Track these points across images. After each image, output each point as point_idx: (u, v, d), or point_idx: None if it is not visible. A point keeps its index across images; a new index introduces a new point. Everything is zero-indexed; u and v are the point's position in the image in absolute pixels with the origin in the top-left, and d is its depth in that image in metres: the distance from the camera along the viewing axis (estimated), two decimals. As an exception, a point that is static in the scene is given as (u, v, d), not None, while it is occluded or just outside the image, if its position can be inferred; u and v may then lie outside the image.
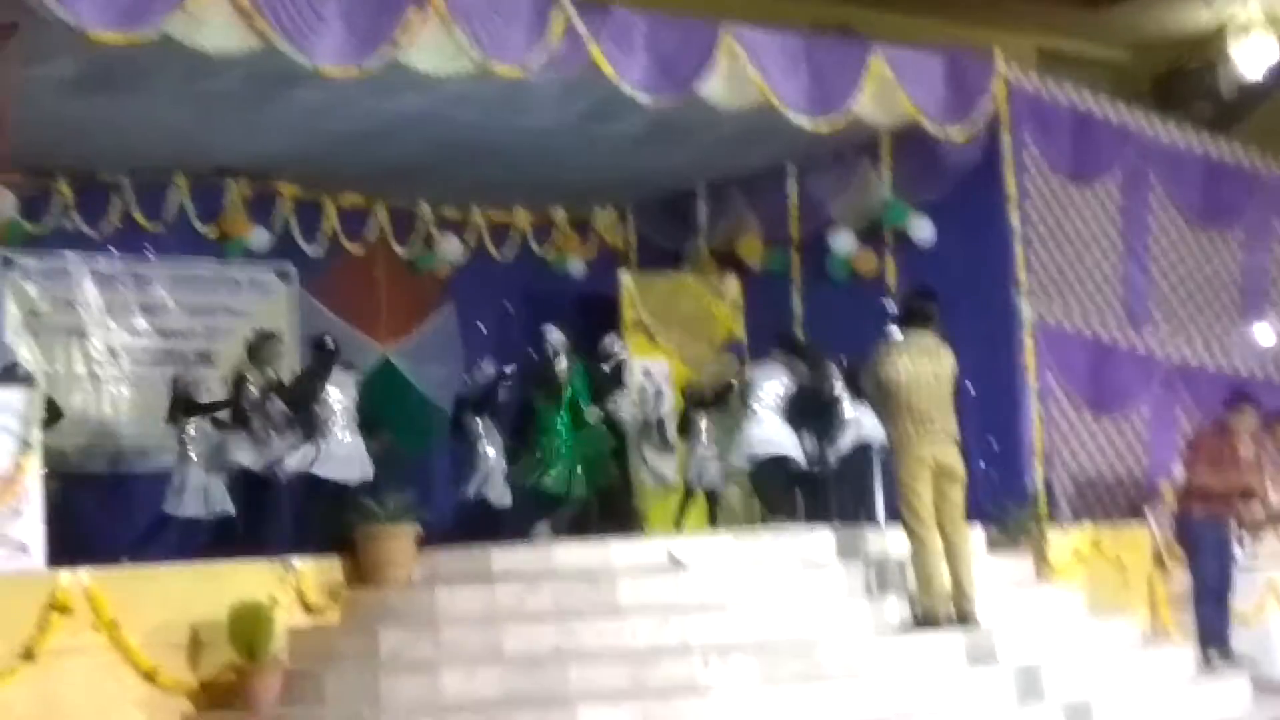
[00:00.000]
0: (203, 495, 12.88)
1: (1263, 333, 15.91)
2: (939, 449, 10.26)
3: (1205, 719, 10.03)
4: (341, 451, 12.43)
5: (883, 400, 10.39)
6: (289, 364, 14.15)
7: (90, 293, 14.38)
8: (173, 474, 13.00)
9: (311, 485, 12.34)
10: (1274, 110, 21.71)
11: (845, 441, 13.51)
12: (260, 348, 13.23)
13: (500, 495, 14.29)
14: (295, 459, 12.43)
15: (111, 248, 14.44)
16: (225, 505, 12.90)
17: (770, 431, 13.66)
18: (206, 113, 12.41)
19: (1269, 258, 16.07)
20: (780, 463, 13.64)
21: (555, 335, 14.21)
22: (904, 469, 10.25)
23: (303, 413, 12.59)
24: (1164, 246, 15.25)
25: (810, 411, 13.79)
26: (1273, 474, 13.39)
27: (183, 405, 13.04)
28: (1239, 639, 12.59)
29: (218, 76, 11.32)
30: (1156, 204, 15.22)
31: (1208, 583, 12.34)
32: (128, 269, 14.55)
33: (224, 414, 13.11)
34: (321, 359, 12.73)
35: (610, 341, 14.71)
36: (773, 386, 13.73)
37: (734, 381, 14.42)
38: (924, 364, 10.28)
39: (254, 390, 12.97)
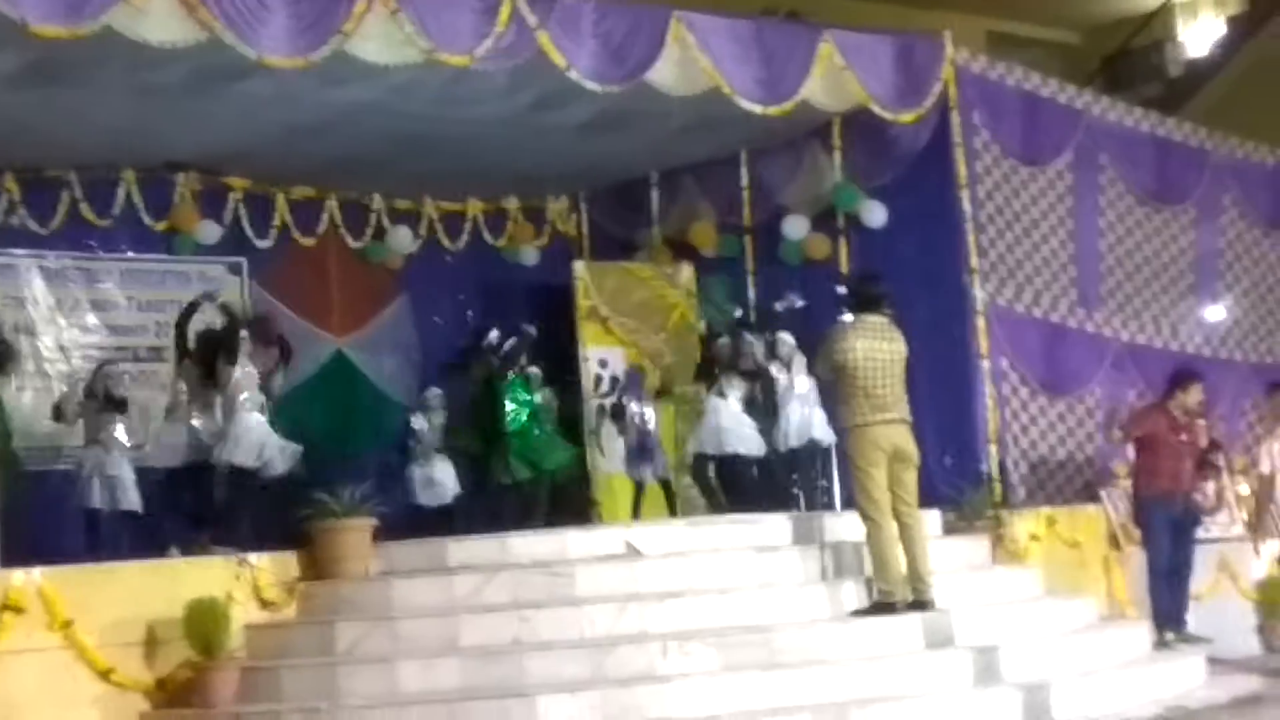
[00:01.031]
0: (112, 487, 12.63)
1: (1213, 311, 16.02)
2: (894, 431, 10.25)
3: (1162, 697, 10.08)
4: (251, 437, 12.10)
5: (837, 383, 10.37)
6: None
7: (39, 290, 14.25)
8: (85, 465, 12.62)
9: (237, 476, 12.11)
10: (1222, 88, 21.87)
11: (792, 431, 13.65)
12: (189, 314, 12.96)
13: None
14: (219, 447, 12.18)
15: (60, 244, 14.32)
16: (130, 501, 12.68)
17: (730, 423, 13.77)
18: (153, 107, 12.32)
19: (1219, 235, 16.18)
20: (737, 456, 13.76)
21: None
22: (859, 453, 10.23)
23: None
24: (1115, 227, 15.33)
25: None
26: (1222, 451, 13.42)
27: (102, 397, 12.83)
28: (1193, 616, 12.68)
29: (163, 69, 11.24)
30: (1107, 184, 15.30)
31: (1159, 562, 12.29)
32: (77, 265, 14.44)
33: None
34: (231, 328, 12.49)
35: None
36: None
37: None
38: (879, 346, 10.27)
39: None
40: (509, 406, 14.13)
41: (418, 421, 14.63)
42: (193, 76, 11.51)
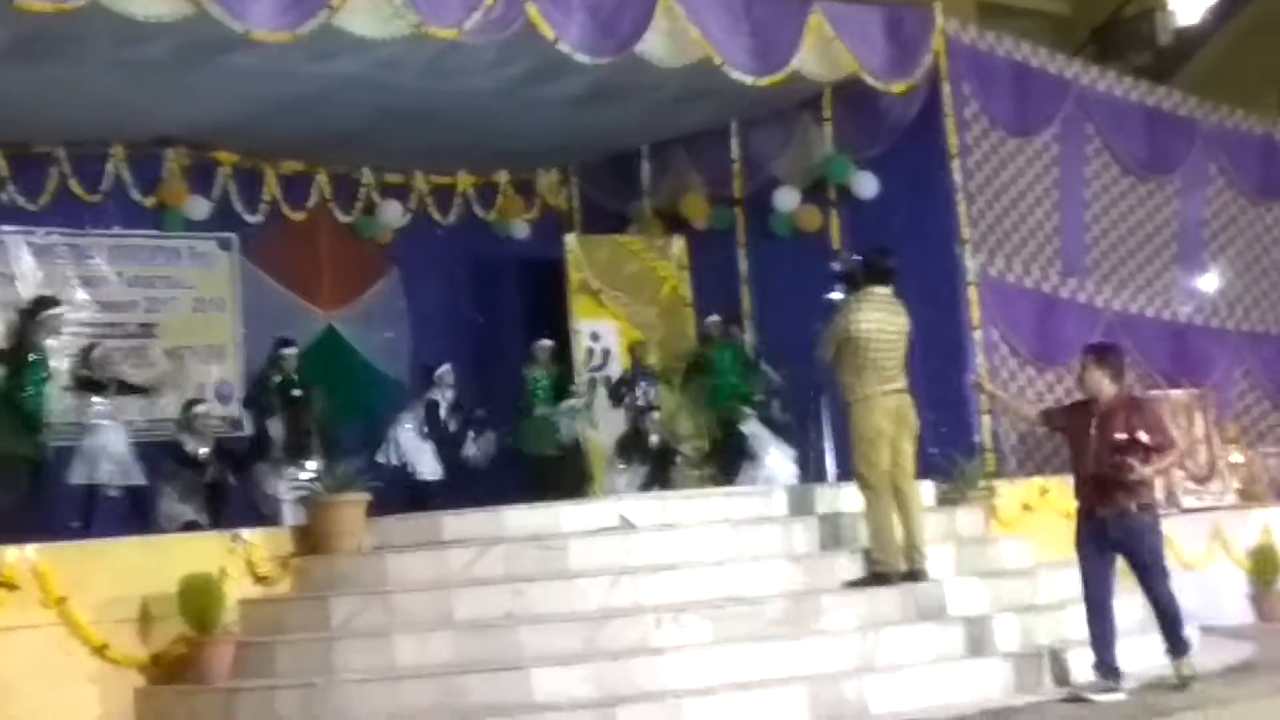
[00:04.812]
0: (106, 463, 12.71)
1: (1202, 280, 16.03)
2: (900, 400, 10.29)
3: (1156, 665, 10.09)
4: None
5: (843, 356, 10.34)
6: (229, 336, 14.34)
7: (28, 266, 14.20)
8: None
9: None
10: (1212, 56, 21.81)
11: None
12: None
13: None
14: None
15: (49, 220, 14.27)
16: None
17: None
18: (141, 81, 12.27)
19: (1206, 205, 16.18)
20: None
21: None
22: (866, 424, 10.23)
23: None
24: (1102, 196, 15.33)
25: None
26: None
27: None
28: (1183, 585, 12.67)
29: (150, 44, 11.20)
30: (1095, 154, 15.30)
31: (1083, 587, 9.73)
32: (66, 241, 14.39)
33: None
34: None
35: None
36: None
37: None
38: (888, 319, 10.30)
39: None
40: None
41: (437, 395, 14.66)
42: (180, 51, 11.47)
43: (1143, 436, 9.32)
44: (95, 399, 12.80)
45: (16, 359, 12.00)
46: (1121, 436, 9.33)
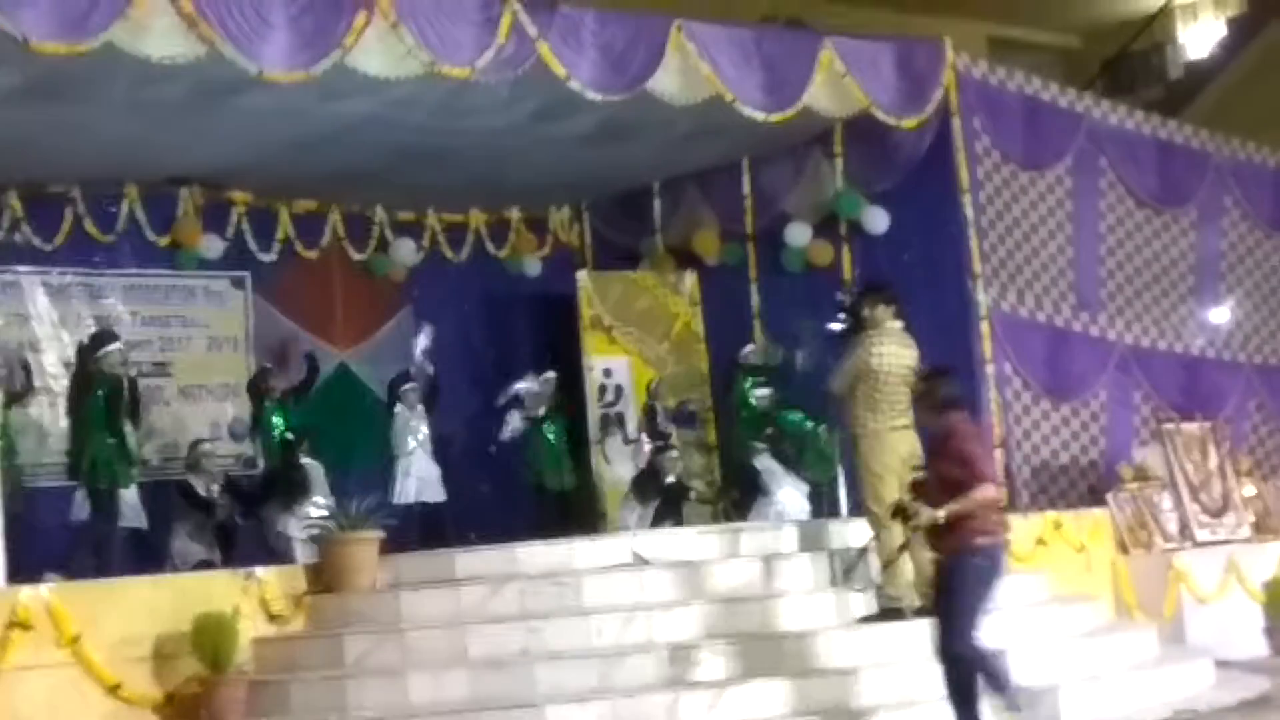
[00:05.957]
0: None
1: (1216, 313, 16.01)
2: (909, 437, 10.28)
3: (1170, 700, 10.07)
4: None
5: (862, 388, 10.31)
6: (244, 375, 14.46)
7: (43, 306, 14.25)
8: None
9: None
10: (1223, 89, 21.88)
11: None
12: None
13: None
14: None
15: (64, 260, 14.32)
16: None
17: None
18: (155, 122, 12.34)
19: (1221, 238, 16.17)
20: None
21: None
22: (876, 459, 10.24)
23: None
24: (1115, 230, 15.32)
25: None
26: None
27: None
28: (1198, 618, 12.66)
29: (164, 84, 11.27)
30: (1108, 188, 15.30)
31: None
32: (80, 281, 14.44)
33: None
34: None
35: None
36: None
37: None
38: (902, 353, 10.32)
39: None
40: None
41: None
42: (194, 91, 11.54)
43: (950, 471, 8.53)
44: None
45: (81, 399, 12.23)
46: (921, 474, 8.89)
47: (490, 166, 14.48)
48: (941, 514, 8.52)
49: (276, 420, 13.67)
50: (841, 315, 11.07)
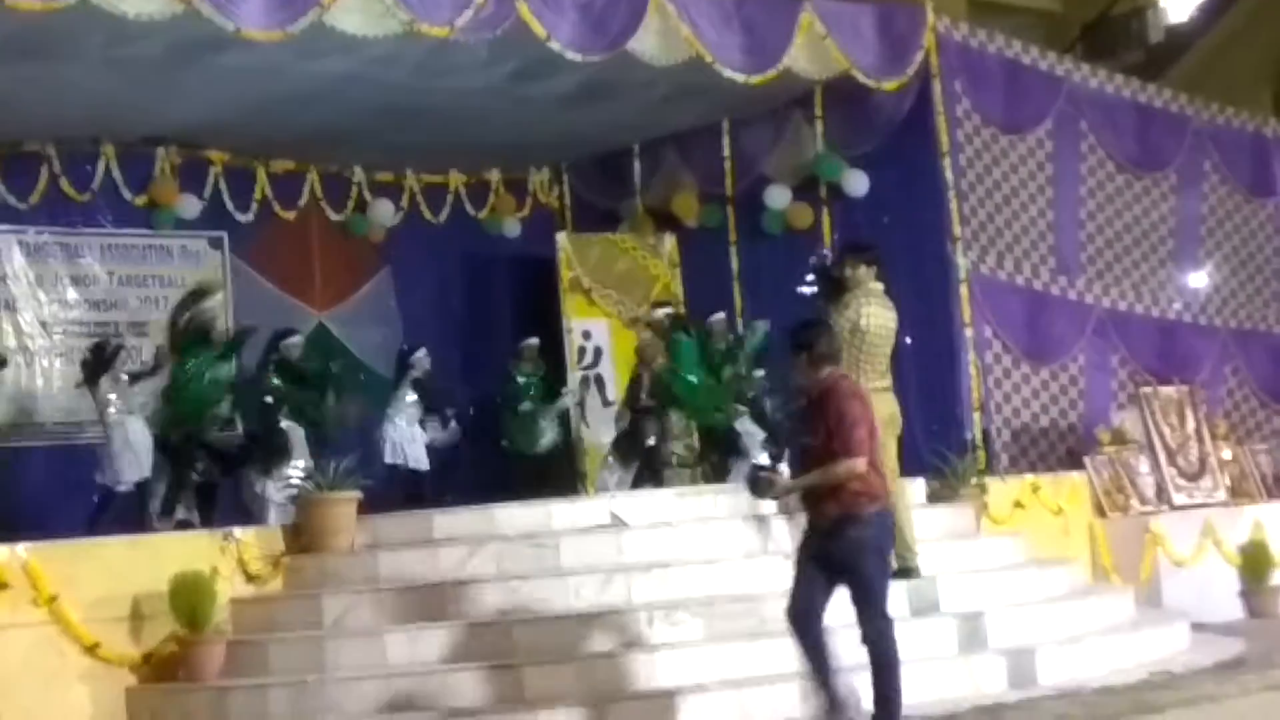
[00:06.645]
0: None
1: (1194, 277, 16.04)
2: (889, 399, 10.27)
3: (1146, 661, 10.12)
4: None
5: (847, 349, 10.25)
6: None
7: (19, 265, 14.19)
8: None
9: None
10: (1203, 54, 21.84)
11: None
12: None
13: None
14: None
15: (40, 219, 14.25)
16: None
17: None
18: (132, 80, 12.26)
19: (1200, 202, 16.19)
20: None
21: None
22: None
23: None
24: (1096, 194, 15.33)
25: None
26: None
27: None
28: (1174, 581, 12.72)
29: (141, 42, 11.18)
30: (1088, 151, 15.30)
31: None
32: (57, 240, 14.37)
33: None
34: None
35: None
36: None
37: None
38: (884, 314, 10.28)
39: None
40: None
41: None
42: (171, 49, 11.46)
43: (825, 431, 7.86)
44: (112, 395, 12.75)
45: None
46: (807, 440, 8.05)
47: (469, 127, 14.42)
48: (796, 485, 8.03)
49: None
50: (810, 278, 11.03)
